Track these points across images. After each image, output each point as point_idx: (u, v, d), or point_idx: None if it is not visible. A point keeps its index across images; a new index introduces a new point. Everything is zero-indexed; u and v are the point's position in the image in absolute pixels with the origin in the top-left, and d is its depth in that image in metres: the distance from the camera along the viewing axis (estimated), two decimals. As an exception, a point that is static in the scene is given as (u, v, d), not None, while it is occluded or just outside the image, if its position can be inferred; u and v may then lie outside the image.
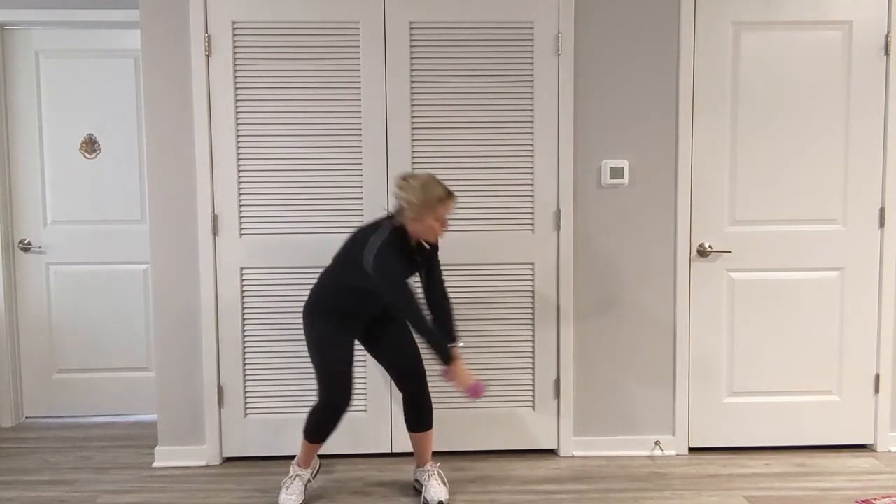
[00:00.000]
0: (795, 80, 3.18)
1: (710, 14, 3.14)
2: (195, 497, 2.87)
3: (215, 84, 3.07)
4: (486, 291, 3.18)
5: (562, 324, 3.20)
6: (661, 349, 3.24)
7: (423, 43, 3.09)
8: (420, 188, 2.50)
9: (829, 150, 3.20)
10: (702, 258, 3.22)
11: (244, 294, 3.15)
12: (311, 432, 2.70)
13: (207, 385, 3.17)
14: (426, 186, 2.51)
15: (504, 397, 3.24)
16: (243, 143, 3.10)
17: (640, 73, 3.15)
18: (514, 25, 3.09)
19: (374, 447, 3.24)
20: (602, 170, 3.16)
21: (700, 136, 3.18)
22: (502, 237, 3.16)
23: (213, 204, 3.11)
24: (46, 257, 3.78)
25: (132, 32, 3.65)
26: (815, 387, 3.28)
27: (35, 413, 3.85)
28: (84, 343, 3.82)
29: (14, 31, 3.69)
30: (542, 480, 3.00)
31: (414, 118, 3.11)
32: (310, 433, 2.70)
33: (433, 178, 2.56)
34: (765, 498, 2.82)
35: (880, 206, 3.22)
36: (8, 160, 3.73)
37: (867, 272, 3.24)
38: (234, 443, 3.21)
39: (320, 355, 2.66)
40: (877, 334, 3.26)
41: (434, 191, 2.51)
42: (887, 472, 3.07)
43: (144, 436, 3.53)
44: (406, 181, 2.55)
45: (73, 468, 3.16)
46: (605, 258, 3.20)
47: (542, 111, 3.13)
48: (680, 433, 3.26)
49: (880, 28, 3.16)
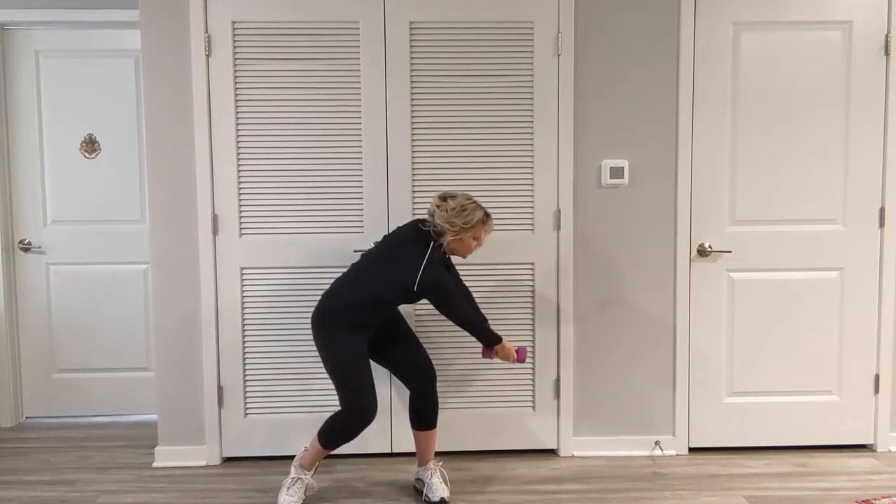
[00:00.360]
0: (795, 80, 3.18)
1: (710, 14, 3.14)
2: (195, 497, 2.87)
3: (215, 84, 3.07)
4: (486, 291, 3.18)
5: (562, 324, 3.20)
6: (661, 349, 3.24)
7: (423, 43, 3.09)
8: (462, 211, 2.62)
9: (829, 150, 3.20)
10: (702, 258, 3.22)
11: (244, 294, 3.15)
12: (331, 440, 2.68)
13: (207, 385, 3.17)
14: (467, 210, 2.63)
15: (504, 397, 3.24)
16: (243, 143, 3.10)
17: (640, 74, 3.15)
18: (514, 25, 3.09)
19: (374, 447, 3.24)
20: (602, 170, 3.16)
21: (700, 136, 3.18)
22: (502, 237, 3.16)
23: (213, 204, 3.11)
24: (46, 257, 3.78)
25: (132, 32, 3.65)
26: (815, 387, 3.28)
27: (35, 413, 3.85)
28: (84, 343, 3.82)
29: (14, 31, 3.69)
30: (542, 480, 3.00)
31: (414, 118, 3.11)
32: (328, 440, 2.68)
33: (472, 201, 2.67)
34: (765, 498, 2.83)
35: (880, 206, 3.22)
36: (8, 160, 3.73)
37: (867, 272, 3.24)
38: (234, 443, 3.21)
39: (344, 375, 2.64)
40: (877, 334, 3.26)
41: (476, 214, 2.64)
42: (887, 472, 3.07)
43: (144, 436, 3.53)
44: (446, 201, 2.64)
45: (73, 468, 3.16)
46: (605, 258, 3.20)
47: (542, 111, 3.13)
48: (680, 433, 3.26)
49: (880, 28, 3.16)
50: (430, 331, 3.18)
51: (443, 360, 3.19)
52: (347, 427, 2.65)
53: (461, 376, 3.21)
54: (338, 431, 2.66)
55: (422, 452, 2.85)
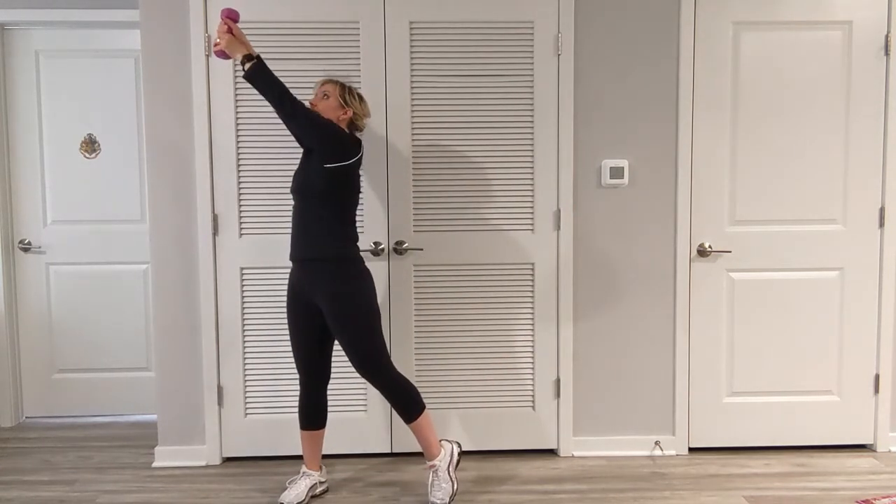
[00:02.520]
0: (795, 80, 3.18)
1: (710, 14, 3.14)
2: (195, 497, 2.87)
3: (215, 84, 3.07)
4: (486, 291, 3.18)
5: (562, 324, 3.20)
6: (661, 349, 3.24)
7: (423, 43, 3.09)
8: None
9: (829, 150, 3.20)
10: (702, 258, 3.22)
11: (244, 294, 3.15)
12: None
13: (207, 385, 3.17)
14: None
15: (504, 397, 3.24)
16: (243, 143, 3.10)
17: (640, 73, 3.15)
18: (514, 25, 3.09)
19: (374, 447, 3.24)
20: (602, 170, 3.16)
21: (700, 136, 3.18)
22: (502, 237, 3.16)
23: (212, 204, 3.11)
24: (46, 257, 3.78)
25: (132, 32, 3.65)
26: (815, 387, 3.28)
27: (35, 413, 3.85)
28: (84, 343, 3.82)
29: (14, 31, 3.69)
30: (542, 480, 3.00)
31: (414, 118, 3.11)
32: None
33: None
34: (765, 498, 2.82)
35: (880, 206, 3.22)
36: (8, 160, 3.73)
37: (867, 272, 3.24)
38: (234, 443, 3.21)
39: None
40: (877, 334, 3.26)
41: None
42: (887, 472, 3.07)
43: (144, 436, 3.53)
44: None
45: (72, 468, 3.16)
46: (605, 258, 3.20)
47: (542, 111, 3.13)
48: (680, 433, 3.26)
49: (880, 28, 3.16)
50: (431, 331, 3.18)
51: (443, 360, 3.19)
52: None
53: (461, 376, 3.21)
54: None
55: (421, 447, 2.78)
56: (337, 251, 2.66)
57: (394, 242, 3.14)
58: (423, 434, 2.73)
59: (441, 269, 3.16)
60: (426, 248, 3.15)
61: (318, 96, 2.72)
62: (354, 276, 2.69)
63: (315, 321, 2.72)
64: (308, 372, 2.77)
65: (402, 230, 3.14)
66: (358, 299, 2.66)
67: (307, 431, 2.81)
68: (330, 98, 2.71)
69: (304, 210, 2.68)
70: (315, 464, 2.84)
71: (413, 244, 3.15)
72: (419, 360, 3.19)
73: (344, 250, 2.68)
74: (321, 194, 2.63)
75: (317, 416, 2.81)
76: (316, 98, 2.72)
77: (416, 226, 3.15)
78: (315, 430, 2.82)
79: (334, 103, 2.70)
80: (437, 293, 3.17)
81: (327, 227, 2.65)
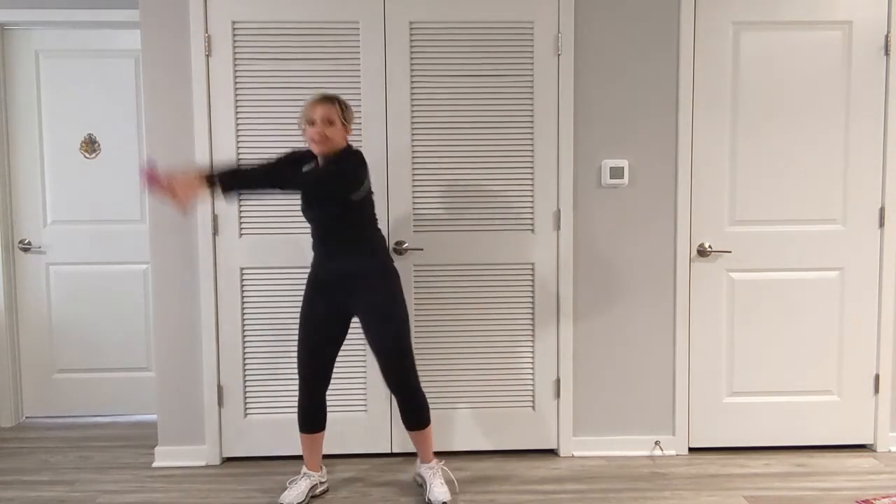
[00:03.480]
0: (795, 80, 3.18)
1: (710, 14, 3.14)
2: (195, 497, 2.87)
3: (215, 84, 3.07)
4: (486, 291, 3.18)
5: (562, 324, 3.20)
6: (661, 349, 3.24)
7: (423, 43, 3.09)
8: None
9: (829, 150, 3.20)
10: (702, 258, 3.22)
11: (244, 294, 3.15)
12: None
13: (207, 385, 3.17)
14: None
15: (504, 397, 3.24)
16: (243, 143, 3.10)
17: (640, 73, 3.15)
18: (514, 25, 3.09)
19: (374, 447, 3.24)
20: (602, 170, 3.16)
21: (700, 136, 3.18)
22: (502, 237, 3.16)
23: (212, 204, 3.11)
24: (46, 257, 3.78)
25: (132, 32, 3.64)
26: (815, 387, 3.28)
27: (35, 413, 3.85)
28: (84, 343, 3.82)
29: (14, 31, 3.69)
30: (542, 480, 3.00)
31: (414, 118, 3.11)
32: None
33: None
34: (765, 498, 2.83)
35: (880, 206, 3.22)
36: (8, 160, 3.73)
37: (867, 272, 3.24)
38: (234, 443, 3.21)
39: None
40: (877, 334, 3.26)
41: (305, 108, 2.64)
42: (887, 472, 3.07)
43: (144, 436, 3.53)
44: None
45: (72, 468, 3.16)
46: (605, 258, 3.20)
47: (542, 111, 3.13)
48: (680, 433, 3.26)
49: (880, 28, 3.16)
50: (431, 331, 3.18)
51: (443, 361, 3.19)
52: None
53: (461, 376, 3.21)
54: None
55: (418, 452, 2.86)
56: (380, 259, 2.73)
57: (394, 242, 3.14)
58: (428, 439, 2.82)
59: (441, 270, 3.17)
60: (426, 249, 3.15)
61: (320, 123, 2.56)
62: (396, 276, 2.75)
63: (334, 319, 2.73)
64: (310, 371, 2.76)
65: (402, 230, 3.14)
66: (400, 299, 2.73)
67: (307, 435, 2.82)
68: (335, 123, 2.60)
69: (331, 230, 2.68)
70: (315, 465, 2.84)
71: (413, 244, 3.15)
72: (419, 361, 3.17)
73: (385, 254, 2.76)
74: (349, 217, 2.65)
75: (316, 420, 2.81)
76: (318, 126, 2.56)
77: (416, 226, 3.15)
78: (314, 433, 2.82)
79: (340, 127, 2.62)
80: (436, 293, 3.17)
81: (361, 237, 2.70)
